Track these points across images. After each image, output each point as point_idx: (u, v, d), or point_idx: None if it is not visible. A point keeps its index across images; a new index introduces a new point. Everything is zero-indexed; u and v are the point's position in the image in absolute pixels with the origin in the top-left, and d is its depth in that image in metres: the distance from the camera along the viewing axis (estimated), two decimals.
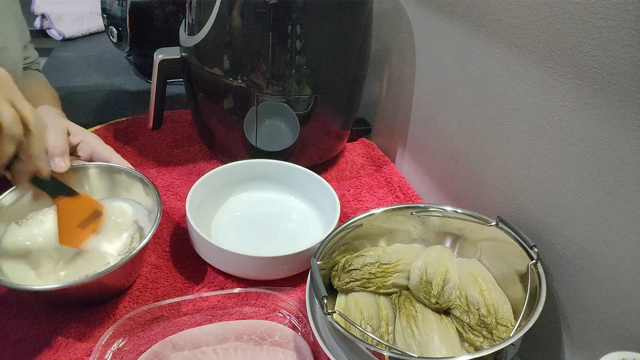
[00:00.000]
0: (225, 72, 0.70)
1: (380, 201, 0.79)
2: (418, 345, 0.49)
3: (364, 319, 0.53)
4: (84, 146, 0.65)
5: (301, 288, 0.62)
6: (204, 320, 0.56)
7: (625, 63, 0.43)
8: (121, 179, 0.64)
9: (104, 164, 0.64)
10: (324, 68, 0.70)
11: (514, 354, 0.45)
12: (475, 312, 0.51)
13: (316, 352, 0.53)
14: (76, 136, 0.64)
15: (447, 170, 0.75)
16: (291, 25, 0.66)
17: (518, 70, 0.56)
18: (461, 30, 0.66)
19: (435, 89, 0.74)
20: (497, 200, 0.63)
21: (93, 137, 0.66)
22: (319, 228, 0.70)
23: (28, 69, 0.84)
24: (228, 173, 0.73)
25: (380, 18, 0.87)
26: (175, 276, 0.63)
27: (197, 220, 0.62)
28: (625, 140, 0.44)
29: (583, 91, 0.48)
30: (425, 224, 0.61)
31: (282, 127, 0.75)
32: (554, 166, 0.53)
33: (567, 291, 0.52)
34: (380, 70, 0.91)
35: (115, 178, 0.64)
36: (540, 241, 0.55)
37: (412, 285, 0.56)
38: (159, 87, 0.78)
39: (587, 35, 0.46)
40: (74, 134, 0.64)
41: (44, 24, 1.39)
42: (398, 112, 0.87)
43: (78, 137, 0.64)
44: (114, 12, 1.02)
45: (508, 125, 0.59)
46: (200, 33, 0.69)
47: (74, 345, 0.53)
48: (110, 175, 0.64)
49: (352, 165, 0.87)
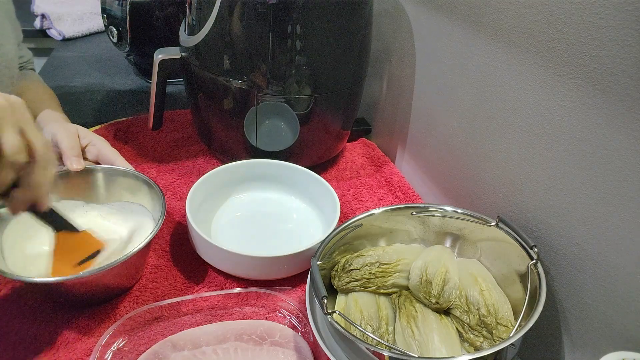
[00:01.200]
0: (225, 72, 0.70)
1: (380, 201, 0.79)
2: (418, 345, 0.49)
3: (364, 319, 0.53)
4: (91, 148, 0.66)
5: (301, 288, 0.62)
6: (204, 320, 0.56)
7: (625, 63, 0.43)
8: (126, 181, 0.65)
9: (109, 167, 0.65)
10: (324, 68, 0.70)
11: (514, 354, 0.45)
12: (475, 312, 0.51)
13: (316, 352, 0.53)
14: (84, 138, 0.66)
15: (447, 170, 0.75)
16: (291, 25, 0.66)
17: (518, 70, 0.56)
18: (461, 30, 0.66)
19: (435, 89, 0.74)
20: (497, 200, 0.63)
21: (99, 140, 0.67)
22: (319, 228, 0.70)
23: (23, 68, 0.84)
24: (228, 173, 0.73)
25: (380, 18, 0.87)
26: (175, 276, 0.63)
27: (197, 220, 0.62)
28: (625, 140, 0.44)
29: (583, 91, 0.48)
30: (425, 224, 0.61)
31: (282, 127, 0.75)
32: (554, 166, 0.53)
33: (567, 291, 0.52)
34: (380, 70, 0.91)
35: (120, 181, 0.65)
36: (540, 241, 0.55)
37: (412, 285, 0.56)
38: (159, 87, 0.78)
39: (587, 35, 0.46)
40: (82, 137, 0.66)
41: (44, 24, 1.39)
42: (398, 112, 0.87)
43: (86, 140, 0.66)
44: (114, 12, 1.02)
45: (508, 125, 0.59)
46: (200, 33, 0.69)
47: (74, 345, 0.53)
48: (115, 178, 0.65)
49: (352, 165, 0.87)
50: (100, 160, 0.66)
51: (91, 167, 0.64)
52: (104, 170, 0.65)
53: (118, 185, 0.65)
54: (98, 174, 0.64)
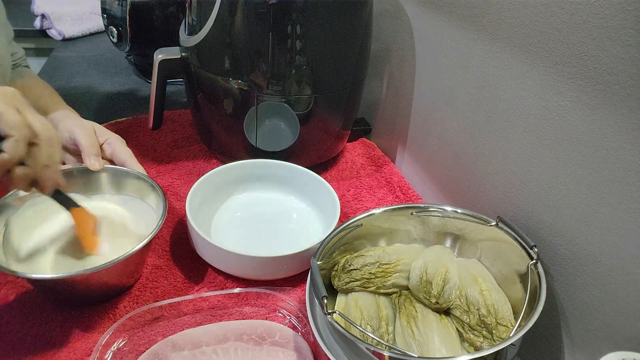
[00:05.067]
0: (225, 72, 0.70)
1: (380, 201, 0.79)
2: (418, 345, 0.49)
3: (364, 319, 0.53)
4: (106, 147, 0.67)
5: (301, 288, 0.62)
6: (204, 320, 0.56)
7: (625, 63, 0.43)
8: (131, 182, 0.65)
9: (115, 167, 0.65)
10: (324, 68, 0.70)
11: (514, 354, 0.45)
12: (475, 312, 0.51)
13: (316, 352, 0.53)
14: (100, 137, 0.67)
15: (447, 170, 0.75)
16: (291, 26, 0.66)
17: (518, 70, 0.56)
18: (461, 30, 0.66)
19: (435, 89, 0.74)
20: (497, 200, 0.63)
21: (115, 139, 0.68)
22: (319, 228, 0.70)
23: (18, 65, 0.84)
24: (228, 173, 0.73)
25: (380, 18, 0.87)
26: (175, 276, 0.63)
27: (197, 220, 0.62)
28: (625, 140, 0.44)
29: (583, 91, 0.48)
30: (425, 224, 0.61)
31: (282, 127, 0.75)
32: (554, 166, 0.53)
33: (567, 291, 0.52)
34: (380, 70, 0.91)
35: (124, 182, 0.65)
36: (540, 241, 0.55)
37: (412, 285, 0.56)
38: (159, 87, 0.78)
39: (587, 35, 0.46)
40: (98, 135, 0.67)
41: (44, 24, 1.39)
42: (398, 112, 0.87)
43: (102, 138, 0.67)
44: (114, 12, 1.02)
45: (508, 125, 0.59)
46: (200, 33, 0.69)
47: (74, 345, 0.53)
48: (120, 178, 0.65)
49: (352, 165, 0.87)
50: (114, 159, 0.66)
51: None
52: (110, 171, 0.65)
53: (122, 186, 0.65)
54: (104, 173, 0.65)
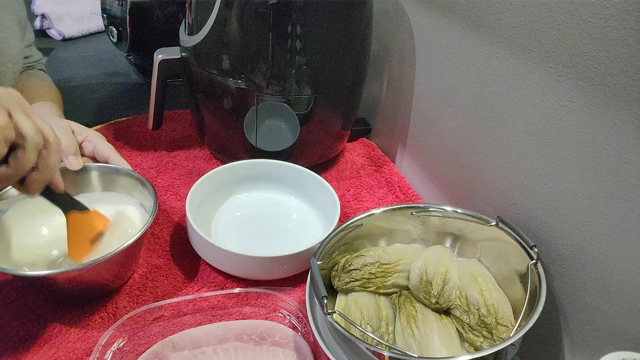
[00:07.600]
0: (225, 72, 0.70)
1: (380, 201, 0.79)
2: (418, 345, 0.49)
3: (364, 319, 0.53)
4: (87, 144, 0.65)
5: (301, 288, 0.62)
6: (204, 320, 0.56)
7: (625, 63, 0.43)
8: (119, 179, 0.64)
9: (103, 165, 0.64)
10: (324, 68, 0.70)
11: (514, 354, 0.45)
12: (475, 312, 0.51)
13: (316, 352, 0.53)
14: (79, 135, 0.65)
15: (447, 170, 0.75)
16: (291, 26, 0.66)
17: (518, 70, 0.56)
18: (461, 30, 0.66)
19: (435, 89, 0.74)
20: (497, 200, 0.63)
21: (95, 135, 0.66)
22: (319, 228, 0.70)
23: (33, 68, 0.84)
24: (228, 173, 0.73)
25: (380, 18, 0.87)
26: (175, 276, 0.63)
27: (197, 220, 0.62)
28: (625, 140, 0.44)
29: (583, 91, 0.48)
30: (425, 224, 0.61)
31: (282, 127, 0.75)
32: (554, 166, 0.53)
33: (567, 291, 0.52)
34: (380, 70, 0.91)
35: (113, 178, 0.65)
36: (540, 241, 0.55)
37: (412, 285, 0.56)
38: (159, 87, 0.78)
39: (587, 35, 0.46)
40: (77, 133, 0.65)
41: (44, 24, 1.39)
42: (398, 112, 0.87)
43: (81, 136, 0.65)
44: (114, 12, 1.02)
45: (508, 125, 0.59)
46: (200, 33, 0.69)
47: (74, 345, 0.53)
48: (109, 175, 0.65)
49: (352, 165, 0.87)
50: (96, 156, 0.65)
51: (85, 165, 0.63)
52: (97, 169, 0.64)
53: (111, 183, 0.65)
54: (92, 172, 0.64)
